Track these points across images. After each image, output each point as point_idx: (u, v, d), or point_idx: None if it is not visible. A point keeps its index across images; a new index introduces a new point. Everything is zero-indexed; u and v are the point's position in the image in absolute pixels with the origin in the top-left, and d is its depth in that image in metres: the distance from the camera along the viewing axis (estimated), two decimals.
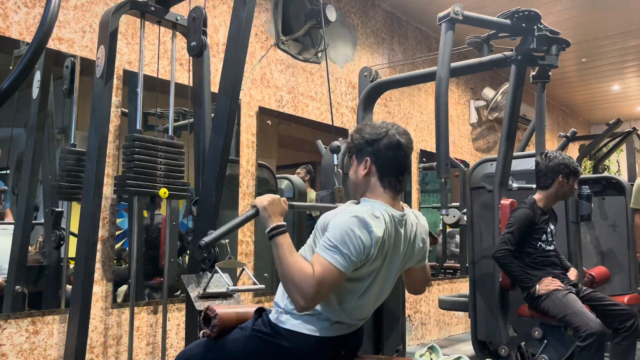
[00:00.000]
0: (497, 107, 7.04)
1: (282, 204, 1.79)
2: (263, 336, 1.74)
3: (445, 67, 2.97)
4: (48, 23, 1.90)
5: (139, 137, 2.88)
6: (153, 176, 2.91)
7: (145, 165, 2.88)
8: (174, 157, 3.03)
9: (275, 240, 1.70)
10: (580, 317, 2.93)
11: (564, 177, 3.23)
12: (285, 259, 1.65)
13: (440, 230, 6.30)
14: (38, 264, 3.03)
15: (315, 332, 1.70)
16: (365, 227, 1.63)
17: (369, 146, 1.78)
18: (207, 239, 1.90)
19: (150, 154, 2.90)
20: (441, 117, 2.97)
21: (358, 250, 1.62)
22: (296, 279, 1.61)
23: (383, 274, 1.76)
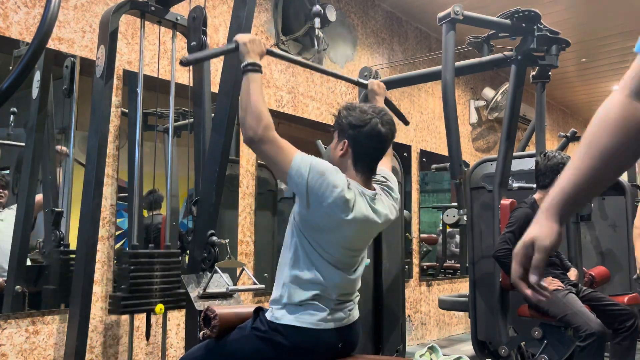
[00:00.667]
0: (497, 107, 7.04)
1: (261, 45, 1.86)
2: (261, 335, 1.75)
3: (449, 69, 2.98)
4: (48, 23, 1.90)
5: (134, 253, 2.76)
6: (149, 292, 2.78)
7: (141, 282, 2.75)
8: (171, 267, 2.89)
9: (249, 75, 1.77)
10: (580, 317, 2.94)
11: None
12: (255, 91, 1.73)
13: (440, 230, 6.30)
14: (38, 264, 3.03)
15: (310, 325, 1.72)
16: (337, 182, 1.67)
17: (350, 129, 1.80)
18: (189, 57, 1.95)
19: (145, 269, 2.78)
20: (451, 119, 2.98)
21: (317, 186, 1.65)
22: (258, 112, 1.68)
23: (352, 239, 1.77)
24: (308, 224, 1.74)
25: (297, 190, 1.70)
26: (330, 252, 1.75)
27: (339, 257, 1.77)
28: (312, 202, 1.68)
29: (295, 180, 1.67)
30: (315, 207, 1.68)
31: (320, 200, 1.67)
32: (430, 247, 6.20)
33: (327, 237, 1.73)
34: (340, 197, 1.67)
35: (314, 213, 1.70)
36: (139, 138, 3.01)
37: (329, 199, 1.66)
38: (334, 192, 1.66)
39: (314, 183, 1.66)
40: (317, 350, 1.75)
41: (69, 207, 3.06)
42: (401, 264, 3.80)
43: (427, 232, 6.17)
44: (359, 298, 1.93)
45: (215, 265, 2.51)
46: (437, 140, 6.41)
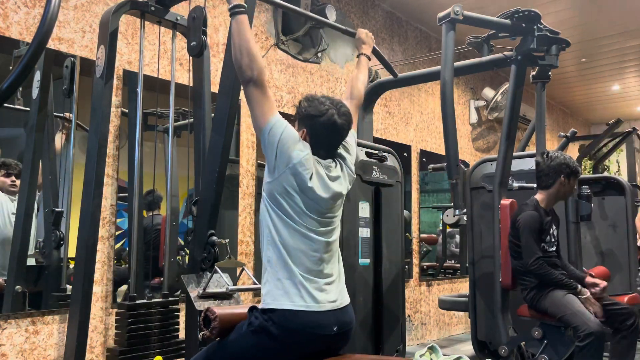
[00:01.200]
0: (497, 107, 7.04)
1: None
2: (256, 329, 1.77)
3: (448, 69, 2.97)
4: (48, 23, 1.90)
5: (132, 305, 2.75)
6: (147, 344, 2.78)
7: (139, 334, 2.75)
8: (169, 317, 2.89)
9: (237, 17, 1.89)
10: (579, 317, 2.94)
11: (566, 177, 3.23)
12: (246, 33, 1.86)
13: (440, 230, 6.30)
14: (38, 264, 3.03)
15: (302, 307, 1.74)
16: (303, 148, 1.82)
17: (307, 119, 1.90)
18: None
19: (143, 320, 2.78)
20: (448, 119, 2.98)
21: (288, 145, 1.79)
22: (252, 52, 1.83)
23: (316, 203, 1.83)
24: (275, 190, 1.80)
25: (268, 147, 1.80)
26: (302, 218, 1.81)
27: (311, 223, 1.82)
28: (278, 163, 1.78)
29: (268, 138, 1.80)
30: (281, 168, 1.78)
31: (287, 160, 1.78)
32: (430, 247, 6.20)
33: (296, 201, 1.80)
34: (305, 159, 1.79)
35: (281, 175, 1.79)
36: (139, 138, 3.01)
37: (295, 159, 1.78)
38: (300, 154, 1.79)
39: (285, 142, 1.78)
40: (311, 333, 1.75)
41: (69, 207, 3.06)
42: (401, 264, 3.80)
43: (427, 232, 6.17)
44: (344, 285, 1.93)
45: (215, 265, 2.51)
46: (437, 140, 6.41)
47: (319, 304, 1.76)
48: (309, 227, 1.81)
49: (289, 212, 1.80)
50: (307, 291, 1.76)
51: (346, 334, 1.85)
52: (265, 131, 1.80)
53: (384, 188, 3.52)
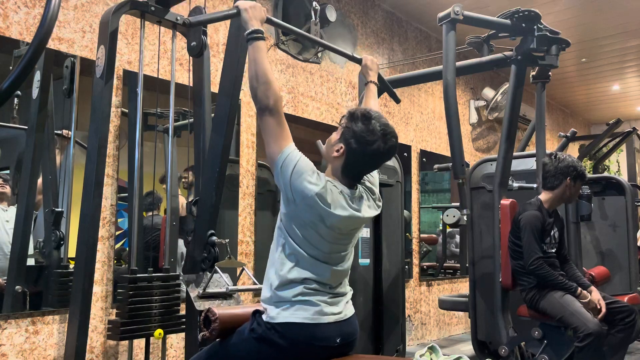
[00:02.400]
0: (497, 107, 7.04)
1: (262, 12, 1.92)
2: (259, 336, 1.76)
3: (450, 70, 2.97)
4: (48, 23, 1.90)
5: (133, 277, 2.75)
6: (148, 317, 2.78)
7: (140, 307, 2.75)
8: (170, 291, 2.89)
9: (255, 43, 1.84)
10: (577, 318, 2.94)
11: (572, 179, 3.22)
12: (263, 60, 1.80)
13: (440, 230, 6.30)
14: (38, 264, 3.03)
15: (306, 320, 1.73)
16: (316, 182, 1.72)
17: (353, 139, 1.80)
18: (192, 18, 2.01)
19: (145, 294, 2.78)
20: (452, 119, 2.98)
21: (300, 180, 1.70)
22: (269, 80, 1.77)
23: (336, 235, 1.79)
24: (293, 221, 1.76)
25: (280, 178, 1.74)
26: (317, 246, 1.77)
27: (326, 251, 1.78)
28: (295, 196, 1.72)
29: (281, 169, 1.73)
30: (299, 201, 1.72)
31: (302, 194, 1.71)
32: (430, 247, 6.20)
33: (312, 231, 1.75)
34: (320, 195, 1.71)
35: (299, 206, 1.73)
36: (139, 138, 3.01)
37: (309, 193, 1.70)
38: (315, 188, 1.70)
39: (297, 177, 1.70)
40: (315, 345, 1.75)
41: (69, 207, 3.06)
42: (401, 264, 3.80)
43: (427, 232, 6.17)
44: (352, 294, 1.93)
45: (215, 265, 2.51)
46: (437, 140, 6.41)
47: (323, 316, 1.75)
48: (324, 256, 1.78)
49: (304, 242, 1.76)
50: (311, 304, 1.75)
51: (350, 344, 1.85)
52: (279, 162, 1.73)
53: (384, 188, 3.53)
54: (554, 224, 3.26)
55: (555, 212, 3.32)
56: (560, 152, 3.40)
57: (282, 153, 1.73)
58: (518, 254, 3.22)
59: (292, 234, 1.77)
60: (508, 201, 3.41)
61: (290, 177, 1.71)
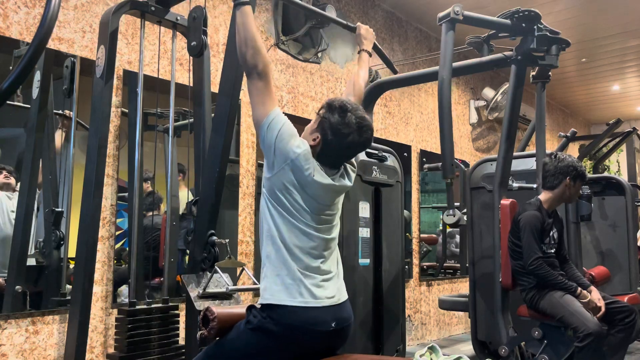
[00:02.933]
0: (497, 107, 7.04)
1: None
2: (255, 327, 1.77)
3: (447, 68, 2.97)
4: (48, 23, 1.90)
5: (133, 311, 2.74)
6: (147, 349, 2.76)
7: (139, 340, 2.74)
8: (169, 322, 2.88)
9: (242, 8, 1.88)
10: (577, 318, 2.94)
11: (571, 179, 3.22)
12: (250, 25, 1.85)
13: (440, 230, 6.30)
14: (38, 264, 3.03)
15: (300, 303, 1.74)
16: (300, 145, 1.77)
17: (329, 130, 1.83)
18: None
19: (144, 326, 2.76)
20: (445, 118, 2.98)
21: (286, 141, 1.75)
22: (257, 44, 1.83)
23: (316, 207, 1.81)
24: (275, 187, 1.79)
25: (265, 141, 1.78)
26: (302, 214, 1.79)
27: (310, 219, 1.81)
28: (277, 160, 1.76)
29: (267, 132, 1.77)
30: (280, 164, 1.76)
31: (285, 156, 1.75)
32: (430, 247, 6.20)
33: (296, 197, 1.78)
34: (304, 155, 1.76)
35: (280, 172, 1.77)
36: (139, 138, 3.01)
37: (293, 155, 1.75)
38: (298, 149, 1.76)
39: (282, 139, 1.75)
40: (310, 330, 1.75)
41: (69, 207, 3.06)
42: (401, 264, 3.80)
43: (427, 232, 6.17)
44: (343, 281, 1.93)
45: (215, 265, 2.51)
46: (437, 140, 6.39)
47: (317, 299, 1.76)
48: (308, 224, 1.81)
49: (288, 209, 1.79)
50: (306, 287, 1.76)
51: (345, 330, 1.85)
52: (265, 125, 1.78)
53: (384, 188, 3.53)
54: (554, 224, 3.26)
55: (554, 212, 3.32)
56: (560, 152, 3.40)
57: (268, 116, 1.79)
58: (518, 254, 3.22)
59: (276, 200, 1.80)
60: (508, 201, 3.41)
61: (275, 139, 1.76)
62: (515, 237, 3.24)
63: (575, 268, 3.37)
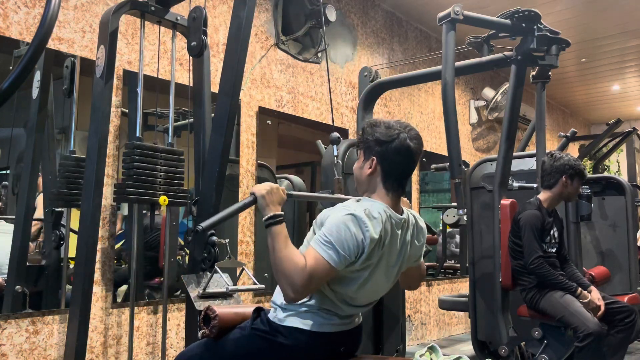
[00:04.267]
0: (497, 107, 7.04)
1: (280, 193, 1.79)
2: (262, 334, 1.75)
3: (449, 69, 2.97)
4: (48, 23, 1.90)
5: (139, 144, 2.85)
6: (153, 183, 2.87)
7: (145, 172, 2.84)
8: (174, 164, 2.99)
9: (272, 229, 1.69)
10: (577, 318, 2.94)
11: (568, 177, 3.22)
12: (279, 248, 1.65)
13: (440, 230, 6.29)
14: (38, 264, 3.03)
15: (312, 327, 1.71)
16: (360, 226, 1.64)
17: (377, 146, 1.76)
18: (204, 223, 1.88)
19: (150, 161, 2.87)
20: (450, 119, 2.97)
21: (351, 248, 1.63)
22: (287, 269, 1.61)
23: (379, 272, 1.76)
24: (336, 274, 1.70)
25: (349, 263, 1.66)
26: (352, 296, 1.75)
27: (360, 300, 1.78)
28: (360, 258, 1.66)
29: (342, 263, 1.64)
30: (352, 261, 1.66)
31: (361, 251, 1.65)
32: (430, 247, 6.20)
33: (352, 287, 1.72)
34: (370, 239, 1.65)
35: (349, 267, 1.68)
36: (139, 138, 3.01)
37: (364, 245, 1.65)
38: (359, 236, 1.64)
39: (347, 248, 1.63)
40: (318, 351, 1.74)
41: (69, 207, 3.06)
42: None
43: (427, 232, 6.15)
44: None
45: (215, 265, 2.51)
46: (437, 140, 6.41)
47: (329, 325, 1.74)
48: (362, 283, 1.75)
49: (340, 293, 1.73)
50: (323, 316, 1.73)
51: (352, 352, 1.85)
52: (337, 261, 1.64)
53: None
54: (554, 224, 3.26)
55: (554, 211, 3.32)
56: (559, 151, 3.40)
57: (338, 267, 1.64)
58: (518, 254, 3.22)
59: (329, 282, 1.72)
60: (508, 201, 3.41)
61: (351, 255, 1.64)
62: (516, 236, 3.24)
63: (575, 268, 3.37)
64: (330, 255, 1.62)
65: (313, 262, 1.62)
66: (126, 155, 2.87)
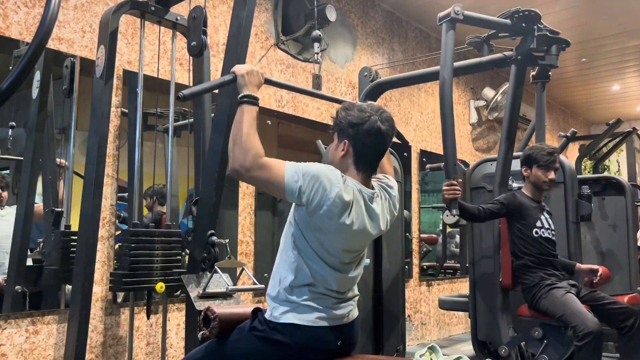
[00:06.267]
0: (497, 107, 7.04)
1: (259, 76, 1.85)
2: (260, 334, 1.76)
3: (448, 68, 2.97)
4: (48, 23, 1.90)
5: (135, 231, 2.78)
6: (150, 270, 2.79)
7: (142, 260, 2.76)
8: (172, 246, 2.91)
9: (244, 106, 1.74)
10: (577, 317, 2.94)
11: (528, 167, 3.31)
12: (247, 124, 1.70)
13: (440, 230, 6.30)
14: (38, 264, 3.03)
15: (309, 323, 1.73)
16: (333, 181, 1.68)
17: (350, 128, 1.80)
18: (185, 91, 1.89)
19: (146, 247, 2.79)
20: (447, 118, 2.98)
21: (314, 190, 1.66)
22: (247, 144, 1.66)
23: (351, 242, 1.78)
24: (309, 225, 1.74)
25: (297, 201, 1.70)
26: (331, 253, 1.75)
27: (339, 258, 1.77)
28: (311, 209, 1.69)
29: (292, 193, 1.67)
30: (314, 212, 1.69)
31: (319, 204, 1.67)
32: (430, 247, 6.20)
33: (328, 238, 1.74)
34: (339, 197, 1.68)
35: (314, 217, 1.70)
36: (139, 138, 3.02)
37: (328, 201, 1.67)
38: (331, 192, 1.67)
39: (310, 189, 1.66)
40: (316, 348, 1.75)
41: (69, 207, 3.06)
42: (401, 264, 3.80)
43: (427, 232, 6.17)
44: (358, 297, 1.93)
45: (215, 265, 2.51)
46: (437, 140, 6.41)
47: (327, 320, 1.75)
48: (336, 263, 1.77)
49: (317, 246, 1.74)
50: (317, 309, 1.74)
51: (350, 347, 1.85)
52: (286, 190, 1.67)
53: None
54: (541, 210, 3.29)
55: (540, 202, 3.36)
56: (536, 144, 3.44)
57: (285, 181, 1.66)
58: (519, 253, 3.23)
59: (306, 236, 1.75)
60: None
61: (301, 187, 1.66)
62: (512, 232, 3.26)
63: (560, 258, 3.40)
64: (290, 171, 1.66)
65: (273, 161, 1.67)
66: (122, 242, 2.76)
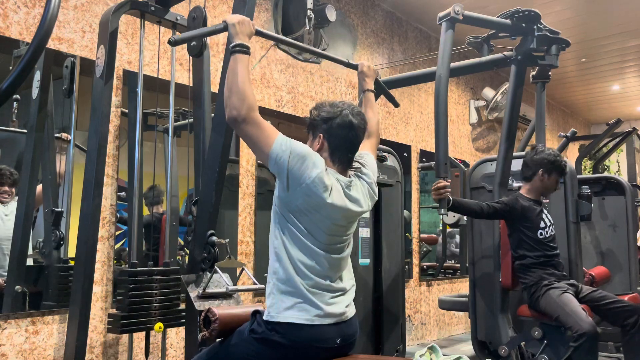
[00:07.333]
0: (497, 107, 7.04)
1: (250, 26, 1.90)
2: (259, 336, 1.76)
3: (445, 66, 2.98)
4: (48, 23, 1.90)
5: (133, 271, 2.77)
6: (148, 310, 2.79)
7: (140, 301, 2.76)
8: (170, 285, 2.90)
9: (237, 55, 1.80)
10: (572, 317, 2.93)
11: (545, 171, 3.28)
12: (242, 73, 1.75)
13: (440, 230, 6.30)
14: (38, 264, 3.03)
15: (306, 322, 1.73)
16: (317, 163, 1.74)
17: (323, 123, 1.86)
18: (177, 37, 1.94)
19: (145, 287, 2.79)
20: (440, 116, 2.98)
21: (296, 166, 1.70)
22: (243, 92, 1.72)
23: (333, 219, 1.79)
24: (289, 207, 1.76)
25: (277, 170, 1.74)
26: (314, 235, 1.77)
27: (323, 240, 1.78)
28: (291, 184, 1.72)
29: (276, 161, 1.72)
30: (294, 188, 1.72)
31: (300, 181, 1.71)
32: (430, 247, 6.20)
33: (309, 219, 1.76)
34: (319, 178, 1.72)
35: (293, 194, 1.73)
36: (139, 138, 3.01)
37: (308, 179, 1.71)
38: (313, 172, 1.72)
39: (294, 164, 1.71)
40: (314, 346, 1.75)
41: (69, 207, 3.06)
42: (401, 264, 3.80)
43: (427, 232, 6.17)
44: (354, 295, 1.92)
45: (215, 265, 2.51)
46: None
47: (324, 317, 1.75)
48: (321, 245, 1.78)
49: (301, 229, 1.76)
50: (313, 305, 1.74)
51: (349, 345, 1.86)
52: (271, 156, 1.72)
53: (383, 188, 3.52)
54: (542, 210, 3.29)
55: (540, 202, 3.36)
56: (541, 145, 3.43)
57: (272, 148, 1.72)
58: (520, 252, 3.23)
59: (288, 220, 1.77)
60: None
61: (287, 161, 1.71)
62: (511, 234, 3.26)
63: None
64: (280, 140, 1.72)
65: (267, 124, 1.74)
66: (120, 284, 2.75)
